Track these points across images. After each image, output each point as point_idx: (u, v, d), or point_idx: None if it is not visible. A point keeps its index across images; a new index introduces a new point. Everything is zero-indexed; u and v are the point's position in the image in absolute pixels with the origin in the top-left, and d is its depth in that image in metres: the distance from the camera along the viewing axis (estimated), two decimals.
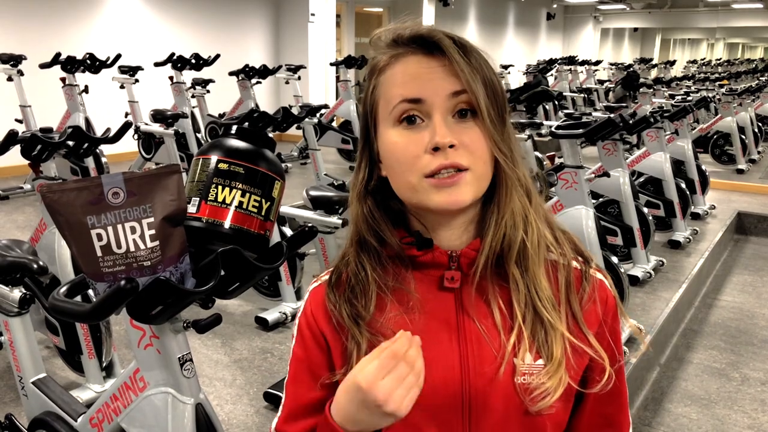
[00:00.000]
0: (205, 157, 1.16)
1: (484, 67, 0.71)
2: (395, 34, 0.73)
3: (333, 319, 0.76)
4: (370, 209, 0.76)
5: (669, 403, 2.77)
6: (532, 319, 0.72)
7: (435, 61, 0.70)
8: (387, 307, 0.75)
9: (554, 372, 0.71)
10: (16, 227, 4.80)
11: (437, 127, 0.69)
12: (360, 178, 0.77)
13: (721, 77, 11.79)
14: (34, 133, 2.46)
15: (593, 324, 0.76)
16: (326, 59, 8.71)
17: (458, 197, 0.70)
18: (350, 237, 0.78)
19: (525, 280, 0.73)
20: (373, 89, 0.74)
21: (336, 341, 0.76)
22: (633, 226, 3.88)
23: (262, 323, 3.24)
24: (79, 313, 1.10)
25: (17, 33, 6.40)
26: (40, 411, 1.82)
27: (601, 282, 0.78)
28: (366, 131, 0.76)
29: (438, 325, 0.75)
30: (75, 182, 1.04)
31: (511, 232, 0.73)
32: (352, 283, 0.76)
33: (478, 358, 0.73)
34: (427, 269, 0.76)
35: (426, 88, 0.69)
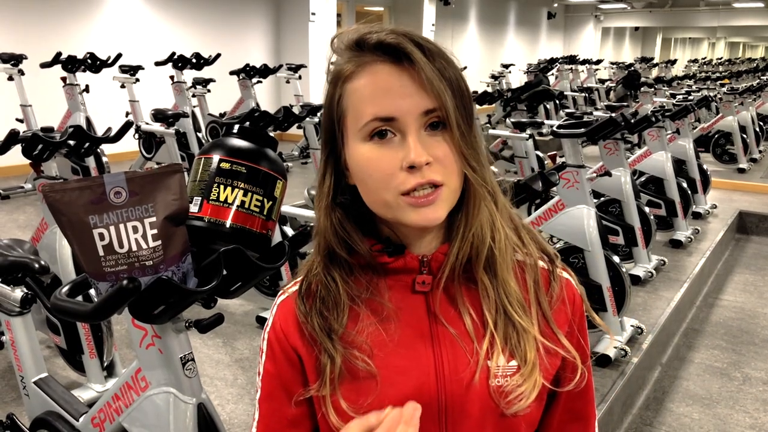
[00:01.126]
0: (207, 157, 1.16)
1: (452, 74, 0.69)
2: (359, 37, 0.70)
3: (305, 332, 0.75)
4: (339, 220, 0.74)
5: (671, 402, 2.77)
6: (503, 323, 0.73)
7: (405, 73, 0.67)
8: (360, 317, 0.74)
9: (528, 375, 0.71)
10: (17, 227, 4.80)
11: (413, 145, 0.67)
12: (326, 189, 0.75)
13: (722, 76, 11.78)
14: (35, 133, 2.46)
15: (563, 323, 0.76)
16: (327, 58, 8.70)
17: (435, 215, 0.69)
18: (317, 249, 0.76)
19: (494, 285, 0.73)
20: (339, 98, 0.72)
21: (309, 355, 0.75)
22: (634, 225, 3.88)
23: (263, 323, 3.24)
24: (82, 313, 1.09)
25: (18, 32, 6.40)
26: (41, 411, 1.82)
27: (568, 281, 0.79)
28: (331, 141, 0.74)
29: (412, 332, 0.74)
30: (77, 182, 1.03)
31: (478, 240, 0.72)
32: (323, 295, 0.74)
33: (452, 363, 0.72)
34: (398, 275, 0.75)
35: (398, 106, 0.67)
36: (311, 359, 0.75)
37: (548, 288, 0.77)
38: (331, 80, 0.73)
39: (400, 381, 0.72)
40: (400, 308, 0.75)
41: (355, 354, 0.72)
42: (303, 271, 0.78)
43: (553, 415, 0.80)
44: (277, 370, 0.77)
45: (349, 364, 0.72)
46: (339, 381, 0.72)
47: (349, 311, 0.74)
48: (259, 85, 7.28)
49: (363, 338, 0.73)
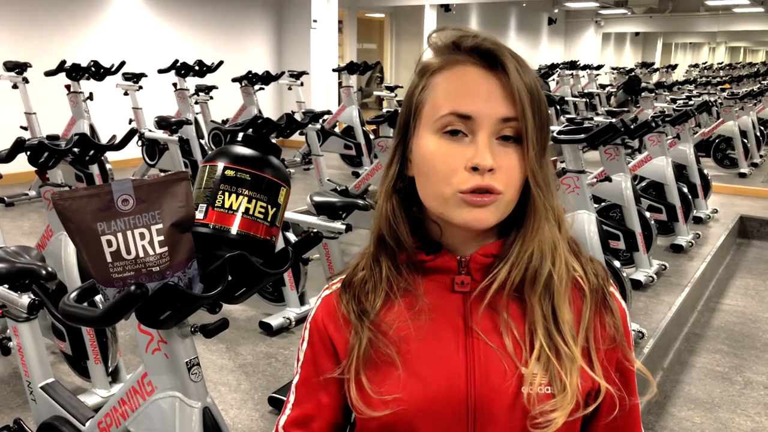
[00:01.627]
0: (212, 164, 1.18)
1: (538, 95, 0.70)
2: (457, 38, 0.71)
3: (340, 317, 0.77)
4: (393, 208, 0.75)
5: (672, 407, 2.78)
6: (548, 348, 0.72)
7: (493, 78, 0.69)
8: (395, 308, 0.75)
9: (564, 404, 0.70)
10: (22, 234, 4.83)
11: (481, 148, 0.68)
12: (390, 174, 0.76)
13: (723, 81, 11.80)
14: (41, 141, 2.48)
15: (612, 356, 0.76)
16: (329, 65, 8.75)
17: (484, 218, 0.70)
18: (372, 233, 0.78)
19: (544, 311, 0.72)
20: (422, 89, 0.72)
21: (344, 347, 0.77)
22: (635, 230, 3.89)
23: (266, 328, 3.26)
24: (90, 318, 1.11)
25: (22, 41, 6.45)
26: (48, 415, 1.84)
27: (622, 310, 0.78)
28: (405, 128, 0.75)
29: (445, 331, 0.74)
30: (85, 189, 1.06)
31: (537, 264, 0.72)
32: (365, 280, 0.77)
33: (484, 367, 0.72)
34: (436, 274, 0.76)
35: (479, 107, 0.68)
36: (345, 350, 0.77)
37: (603, 318, 0.76)
38: (418, 71, 0.74)
39: (428, 377, 0.73)
40: (436, 306, 0.75)
41: (380, 339, 0.73)
42: (351, 266, 0.81)
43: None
44: (315, 357, 0.80)
45: (375, 347, 0.74)
46: (363, 363, 0.74)
47: (385, 300, 0.75)
48: (262, 92, 7.32)
49: (393, 329, 0.74)
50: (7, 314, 1.85)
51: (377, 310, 0.75)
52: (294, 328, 3.33)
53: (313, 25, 8.77)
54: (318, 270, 3.53)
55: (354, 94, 7.18)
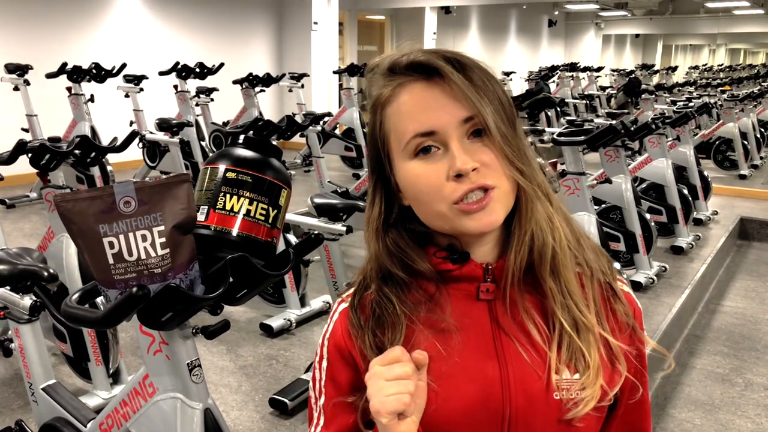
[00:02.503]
0: (213, 166, 1.19)
1: (487, 83, 0.70)
2: (391, 63, 0.72)
3: (356, 344, 0.76)
4: (395, 241, 0.75)
5: (672, 408, 2.78)
6: (568, 324, 0.72)
7: (438, 87, 0.69)
8: (414, 333, 0.73)
9: (591, 381, 0.70)
10: (23, 235, 4.84)
11: (456, 154, 0.68)
12: (375, 213, 0.76)
13: (723, 83, 11.80)
14: (42, 143, 2.49)
15: (625, 338, 0.76)
16: (329, 67, 8.76)
17: (491, 218, 0.69)
18: (370, 271, 0.76)
19: (559, 287, 0.72)
20: (381, 124, 0.73)
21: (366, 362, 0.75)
22: (635, 232, 3.90)
23: (266, 330, 3.26)
24: (92, 320, 1.12)
25: (24, 43, 6.47)
26: (49, 417, 1.85)
27: (627, 294, 0.78)
28: (378, 166, 0.75)
29: (475, 342, 0.74)
30: (88, 191, 1.06)
31: (539, 243, 0.72)
32: (378, 313, 0.74)
33: (518, 374, 0.72)
34: (460, 283, 0.75)
35: (436, 119, 0.69)
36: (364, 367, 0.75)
37: (609, 302, 0.76)
38: (371, 109, 0.75)
39: (463, 389, 0.72)
40: (462, 317, 0.74)
41: None
42: (356, 283, 0.79)
43: (609, 426, 0.79)
44: (336, 375, 0.77)
45: None
46: None
47: (406, 329, 0.73)
48: (262, 94, 7.33)
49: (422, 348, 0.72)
50: (8, 316, 1.86)
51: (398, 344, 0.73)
52: (295, 330, 3.33)
53: (314, 27, 8.78)
54: (319, 272, 3.54)
55: (354, 96, 7.19)
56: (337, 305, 0.80)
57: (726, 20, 14.19)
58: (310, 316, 3.42)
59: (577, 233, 0.77)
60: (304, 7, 8.95)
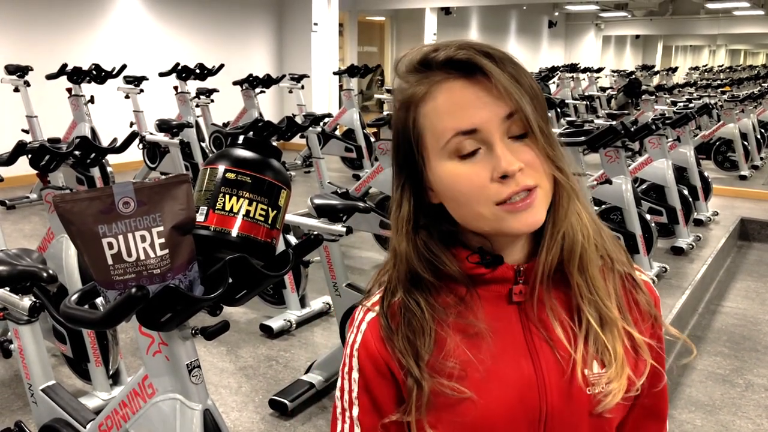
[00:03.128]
0: (213, 167, 1.19)
1: (525, 79, 0.68)
2: (423, 57, 0.70)
3: (391, 351, 0.73)
4: (425, 243, 0.73)
5: (673, 409, 2.77)
6: (596, 320, 0.72)
7: (479, 85, 0.67)
8: (447, 341, 0.73)
9: (617, 374, 0.71)
10: (23, 236, 4.84)
11: (501, 154, 0.66)
12: (405, 215, 0.74)
13: (723, 84, 11.80)
14: (43, 144, 2.49)
15: (647, 327, 0.77)
16: (329, 68, 8.77)
17: (535, 218, 0.69)
18: (397, 274, 0.74)
19: (586, 283, 0.73)
20: (414, 122, 0.70)
21: (400, 372, 0.74)
22: (636, 232, 3.90)
23: (266, 331, 3.26)
24: (91, 320, 1.12)
25: (24, 44, 6.47)
26: (49, 418, 1.84)
27: (647, 283, 0.79)
28: (408, 165, 0.73)
29: (508, 344, 0.74)
30: (87, 192, 1.06)
31: (570, 240, 0.72)
32: (408, 318, 0.73)
33: (551, 372, 0.73)
34: (491, 285, 0.74)
35: (478, 117, 0.67)
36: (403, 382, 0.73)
37: (631, 293, 0.77)
38: (401, 105, 0.72)
39: (501, 394, 0.72)
40: (493, 320, 0.73)
41: (443, 383, 0.71)
42: (379, 288, 0.76)
43: (630, 411, 0.80)
44: (371, 386, 0.75)
45: (437, 392, 0.71)
46: (426, 408, 0.71)
47: (437, 336, 0.72)
48: (262, 95, 7.33)
49: (452, 362, 0.72)
50: (8, 317, 1.86)
51: (432, 350, 0.72)
52: (295, 331, 3.33)
53: (314, 29, 8.79)
54: (318, 272, 3.54)
55: (354, 97, 7.19)
56: (364, 314, 0.77)
57: (726, 21, 14.19)
58: (310, 317, 3.42)
59: (598, 225, 0.76)
60: (304, 8, 8.96)
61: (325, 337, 3.31)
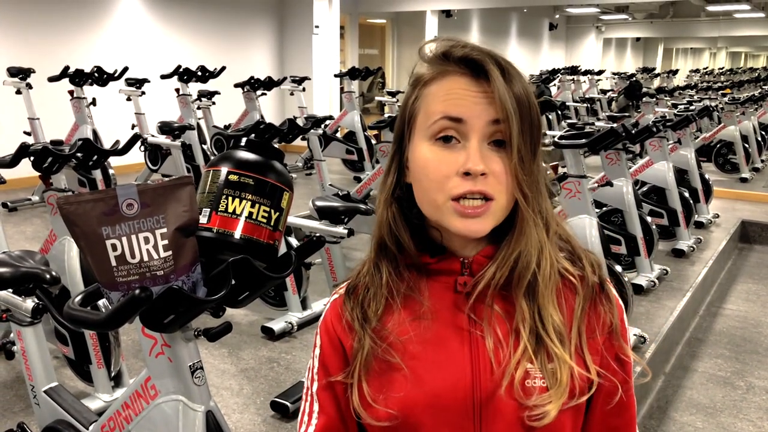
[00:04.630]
0: (216, 169, 1.19)
1: (526, 101, 0.71)
2: (446, 49, 0.73)
3: (344, 323, 0.79)
4: (394, 215, 0.77)
5: (674, 411, 2.77)
6: (535, 347, 0.73)
7: (480, 86, 0.71)
8: (395, 314, 0.77)
9: (557, 397, 0.71)
10: (25, 238, 4.84)
11: (472, 152, 0.70)
12: (388, 183, 0.79)
13: (724, 86, 11.81)
14: (45, 146, 2.50)
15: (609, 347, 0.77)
16: (330, 71, 8.78)
17: (479, 228, 0.71)
18: (372, 240, 0.80)
19: (531, 311, 0.74)
20: (415, 99, 0.75)
21: (350, 348, 0.79)
22: (636, 235, 3.90)
23: (268, 333, 3.26)
24: (95, 322, 1.12)
25: (26, 47, 6.49)
26: (51, 419, 1.85)
27: (616, 300, 0.80)
28: (400, 138, 0.78)
29: (448, 330, 0.76)
30: (91, 194, 1.07)
31: (522, 266, 0.74)
32: (368, 286, 0.79)
33: (487, 362, 0.74)
34: (440, 276, 0.78)
35: (468, 110, 0.71)
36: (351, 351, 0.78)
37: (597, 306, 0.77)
38: (411, 82, 0.77)
39: (434, 376, 0.74)
40: (438, 307, 0.77)
41: (384, 348, 0.75)
42: (355, 272, 0.82)
43: (589, 430, 0.80)
44: (327, 360, 0.81)
45: (377, 355, 0.75)
46: (365, 370, 0.75)
47: (386, 306, 0.77)
48: (264, 97, 7.34)
49: (395, 335, 0.76)
50: (11, 318, 1.87)
51: (379, 317, 0.77)
52: (296, 333, 3.33)
53: (315, 31, 8.80)
54: (320, 275, 3.54)
55: (356, 100, 7.20)
56: (331, 296, 0.84)
57: (727, 23, 14.20)
58: (311, 319, 3.43)
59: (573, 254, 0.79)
60: (306, 10, 8.97)
61: None
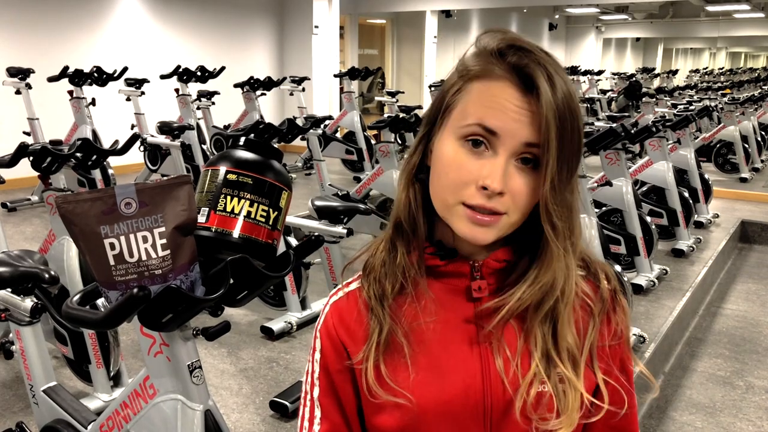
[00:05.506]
0: (214, 168, 1.19)
1: (572, 124, 0.67)
2: (503, 47, 0.69)
3: (360, 303, 0.77)
4: (414, 197, 0.75)
5: (674, 411, 2.77)
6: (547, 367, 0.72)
7: (526, 100, 0.67)
8: (406, 298, 0.75)
9: (569, 423, 0.71)
10: (24, 238, 4.84)
11: (496, 170, 0.67)
12: (411, 162, 0.76)
13: (724, 86, 11.81)
14: (44, 146, 2.50)
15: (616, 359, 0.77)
16: (330, 71, 8.77)
17: (484, 237, 0.70)
18: (390, 218, 0.78)
19: (544, 334, 0.72)
20: (457, 91, 0.71)
21: (358, 349, 0.76)
22: (636, 234, 3.90)
23: (267, 333, 3.26)
24: (93, 321, 1.12)
25: (25, 47, 6.48)
26: (50, 419, 1.85)
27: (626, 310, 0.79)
28: (431, 122, 0.74)
29: (460, 333, 0.75)
30: (89, 193, 1.07)
31: (545, 289, 0.71)
32: (384, 261, 0.77)
33: (498, 379, 0.73)
34: (450, 278, 0.76)
35: (506, 125, 0.67)
36: (357, 353, 0.76)
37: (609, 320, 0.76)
38: (459, 70, 0.73)
39: (444, 377, 0.73)
40: (448, 308, 0.75)
41: (397, 329, 0.74)
42: (371, 249, 0.80)
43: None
44: (329, 365, 0.79)
45: (395, 336, 0.74)
46: (384, 348, 0.74)
47: (399, 288, 0.75)
48: (263, 97, 7.34)
49: (404, 320, 0.74)
50: (9, 318, 1.86)
51: (395, 295, 0.75)
52: (296, 333, 3.33)
53: (315, 31, 8.80)
54: (319, 274, 3.54)
55: (355, 100, 7.20)
56: (329, 298, 0.81)
57: (726, 24, 14.20)
58: (310, 319, 3.43)
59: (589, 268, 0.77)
60: (305, 11, 8.97)
61: None
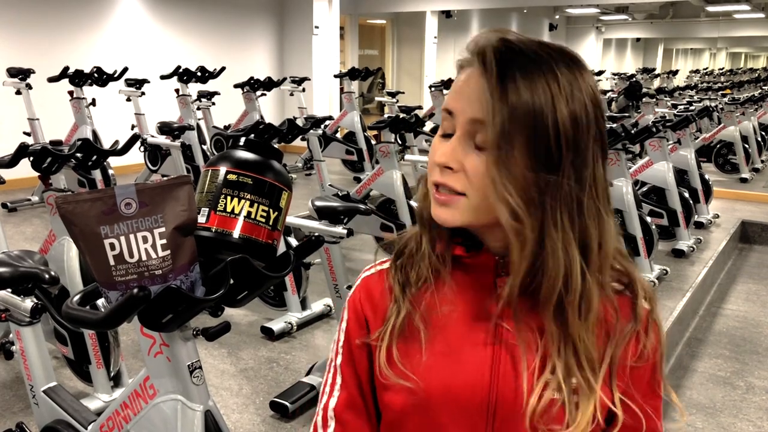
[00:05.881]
0: (214, 169, 1.19)
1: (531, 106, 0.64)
2: (477, 40, 0.71)
3: (378, 295, 0.79)
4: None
5: (674, 411, 2.77)
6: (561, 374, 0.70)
7: (481, 80, 0.67)
8: (429, 288, 0.76)
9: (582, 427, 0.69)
10: (24, 239, 4.84)
11: (445, 146, 0.70)
12: None
13: (724, 86, 11.81)
14: (44, 146, 2.50)
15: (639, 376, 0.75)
16: (330, 71, 8.78)
17: (447, 217, 0.71)
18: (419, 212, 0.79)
19: (560, 335, 0.70)
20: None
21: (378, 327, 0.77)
22: (636, 235, 3.90)
23: (267, 333, 3.26)
24: (93, 321, 1.12)
25: (26, 47, 6.49)
26: (50, 419, 1.85)
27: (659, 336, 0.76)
28: None
29: (478, 330, 0.74)
30: (89, 193, 1.07)
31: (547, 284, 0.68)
32: (413, 252, 0.78)
33: (510, 371, 0.72)
34: (474, 272, 0.76)
35: (456, 104, 0.70)
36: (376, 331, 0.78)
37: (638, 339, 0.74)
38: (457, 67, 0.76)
39: (455, 365, 0.73)
40: (468, 300, 0.75)
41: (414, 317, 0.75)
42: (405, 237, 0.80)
43: None
44: (351, 336, 0.80)
45: (410, 321, 0.75)
46: (398, 333, 0.75)
47: (424, 279, 0.76)
48: (264, 97, 7.34)
49: (425, 309, 0.75)
50: (10, 318, 1.86)
51: (419, 286, 0.76)
52: (296, 333, 3.33)
53: (315, 32, 8.80)
54: (319, 275, 3.54)
55: (355, 100, 7.20)
56: (363, 272, 0.83)
57: (726, 24, 14.20)
58: (311, 319, 3.43)
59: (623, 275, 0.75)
60: (305, 11, 8.98)
61: (326, 339, 3.31)
